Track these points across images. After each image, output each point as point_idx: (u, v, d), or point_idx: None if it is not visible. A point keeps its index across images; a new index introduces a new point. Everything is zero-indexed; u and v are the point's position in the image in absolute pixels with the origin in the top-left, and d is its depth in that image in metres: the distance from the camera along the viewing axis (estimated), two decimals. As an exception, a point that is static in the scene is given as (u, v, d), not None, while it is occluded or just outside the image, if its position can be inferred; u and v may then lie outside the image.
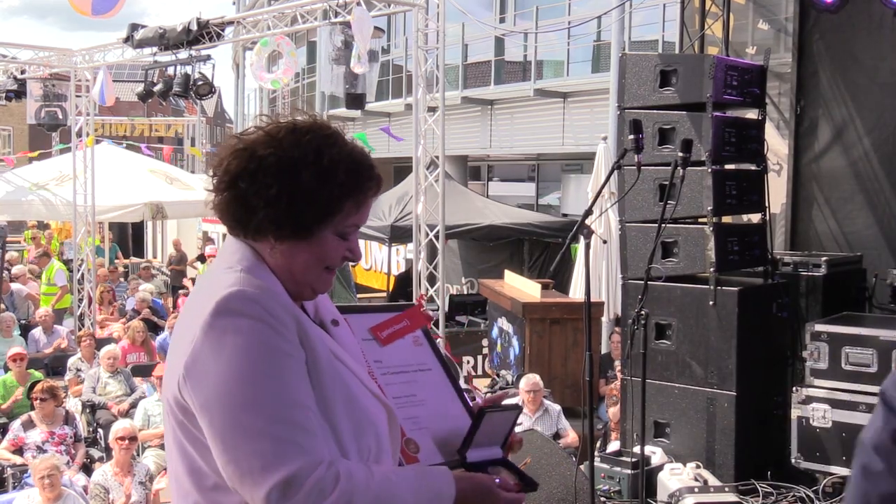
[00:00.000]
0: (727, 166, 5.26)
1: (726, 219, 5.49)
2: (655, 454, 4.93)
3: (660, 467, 4.82)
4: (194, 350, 1.49)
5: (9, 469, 7.27)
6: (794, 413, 4.85)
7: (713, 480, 4.72)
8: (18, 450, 7.39)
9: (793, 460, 4.82)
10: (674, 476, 4.70)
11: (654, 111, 5.13)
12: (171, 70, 11.03)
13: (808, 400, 4.77)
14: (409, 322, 1.91)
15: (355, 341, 1.75)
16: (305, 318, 1.59)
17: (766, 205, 5.38)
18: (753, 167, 5.40)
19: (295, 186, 1.54)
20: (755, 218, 5.59)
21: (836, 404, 4.70)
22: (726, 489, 4.63)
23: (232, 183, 1.57)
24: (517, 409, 1.81)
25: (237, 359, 1.45)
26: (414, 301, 1.96)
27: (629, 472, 4.77)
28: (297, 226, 1.56)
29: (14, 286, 13.21)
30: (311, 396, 1.49)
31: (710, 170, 4.92)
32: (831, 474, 4.68)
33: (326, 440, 1.48)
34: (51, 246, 16.50)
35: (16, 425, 7.54)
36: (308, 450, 1.42)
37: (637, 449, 4.66)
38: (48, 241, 17.11)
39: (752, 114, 5.50)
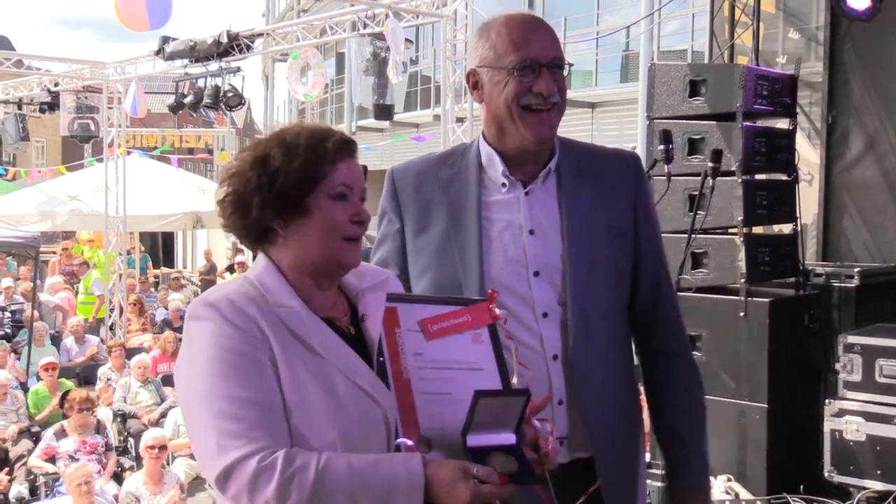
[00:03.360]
0: (758, 176, 5.22)
1: (757, 229, 5.45)
2: (685, 467, 4.88)
3: (690, 480, 4.78)
4: (179, 351, 1.74)
5: (41, 477, 7.37)
6: (827, 426, 4.79)
7: (745, 494, 4.68)
8: (50, 458, 7.48)
9: (826, 474, 4.76)
10: (704, 489, 4.66)
11: (684, 121, 5.10)
12: (201, 82, 11.18)
13: (842, 413, 4.72)
14: (469, 318, 1.84)
15: (375, 337, 1.74)
16: (296, 317, 1.68)
17: (798, 215, 5.33)
18: (784, 177, 5.36)
19: (269, 168, 1.69)
20: (786, 229, 5.54)
21: (870, 417, 4.64)
22: (758, 503, 4.59)
23: (225, 196, 1.73)
24: (523, 393, 1.71)
25: (195, 360, 1.63)
26: (485, 297, 1.88)
27: (658, 484, 4.73)
28: (288, 201, 1.69)
29: (42, 297, 13.38)
30: (266, 391, 1.60)
31: (740, 180, 4.89)
32: (865, 488, 4.62)
33: (276, 431, 1.57)
34: (91, 254, 16.69)
35: (48, 434, 7.64)
36: (251, 440, 1.54)
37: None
38: (88, 250, 17.29)
39: (782, 123, 5.45)
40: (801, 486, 4.74)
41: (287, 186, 1.68)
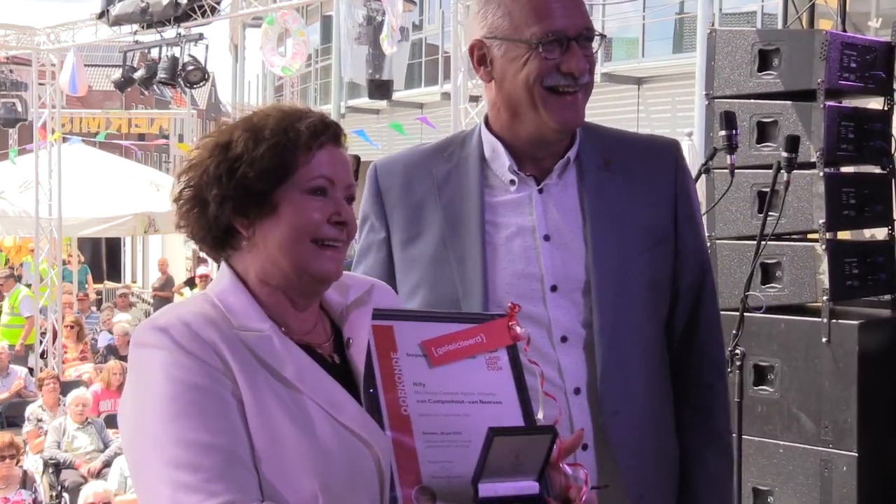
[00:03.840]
0: (844, 169, 5.22)
1: (843, 235, 5.44)
2: (755, 530, 4.88)
3: (761, 546, 4.78)
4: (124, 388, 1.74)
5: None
6: (932, 479, 4.78)
7: (828, 564, 4.66)
8: (-35, 519, 7.51)
9: (930, 539, 4.75)
10: (778, 558, 4.65)
11: (752, 101, 5.11)
12: (154, 52, 11.22)
13: (950, 463, 4.71)
14: (483, 339, 1.83)
15: (360, 365, 1.74)
16: (266, 343, 1.68)
17: (895, 217, 5.33)
18: (878, 170, 5.36)
19: (231, 154, 1.71)
20: (880, 234, 5.54)
21: (984, 469, 4.63)
22: (845, 575, 4.58)
23: (181, 190, 1.75)
24: (548, 431, 1.68)
25: (142, 397, 1.64)
26: (504, 311, 1.85)
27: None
28: (251, 195, 1.70)
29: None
30: (230, 434, 1.60)
31: (822, 173, 4.89)
32: (979, 557, 4.61)
33: (244, 482, 1.58)
34: (18, 263, 16.76)
35: (-38, 490, 7.66)
36: (214, 493, 1.54)
37: (731, 523, 4.62)
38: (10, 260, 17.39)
39: (875, 103, 5.46)
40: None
41: (250, 177, 1.69)
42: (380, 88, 9.48)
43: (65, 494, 8.60)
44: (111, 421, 9.52)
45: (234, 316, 1.69)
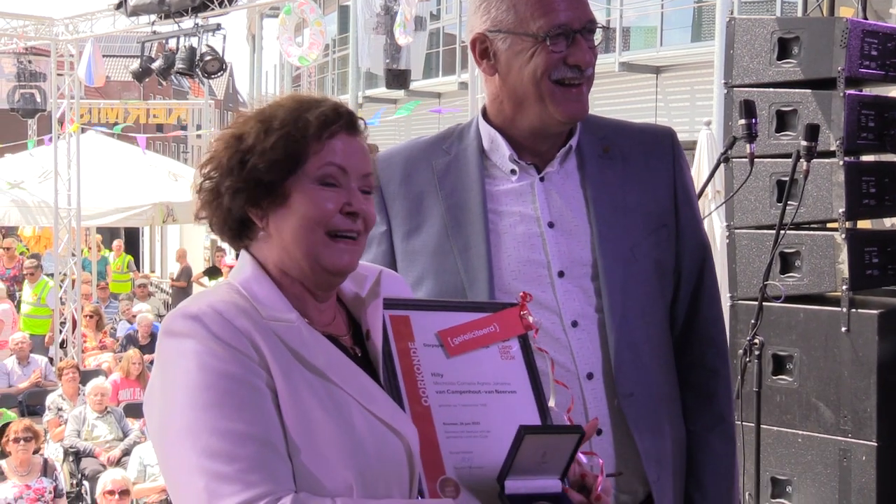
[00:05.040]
0: (864, 158, 5.20)
1: (863, 224, 5.42)
2: (773, 519, 4.88)
3: (779, 536, 4.77)
4: (151, 377, 1.72)
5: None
6: (952, 469, 4.77)
7: (847, 554, 4.66)
8: (-14, 506, 7.56)
9: (950, 529, 4.74)
10: (797, 547, 4.65)
11: (771, 89, 5.09)
12: (172, 43, 11.24)
13: (970, 453, 4.69)
14: (497, 328, 1.84)
15: (378, 354, 1.75)
16: (296, 333, 1.68)
17: (914, 206, 5.31)
18: (898, 158, 5.33)
19: (242, 146, 1.72)
20: (900, 223, 5.52)
21: None
22: (864, 565, 4.57)
23: (201, 183, 1.76)
24: (576, 430, 1.70)
25: (173, 387, 1.62)
26: (516, 300, 1.85)
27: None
28: (262, 187, 1.70)
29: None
30: (264, 424, 1.59)
31: (842, 162, 4.87)
32: None
33: (278, 473, 1.57)
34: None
35: (-17, 477, 7.72)
36: (249, 484, 1.53)
37: (750, 513, 4.61)
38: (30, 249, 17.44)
39: (896, 91, 5.43)
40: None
41: (260, 168, 1.69)
42: (397, 78, 9.47)
43: (85, 482, 8.65)
44: (130, 410, 9.57)
45: (262, 306, 1.68)
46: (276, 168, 1.69)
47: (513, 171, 2.25)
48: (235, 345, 1.61)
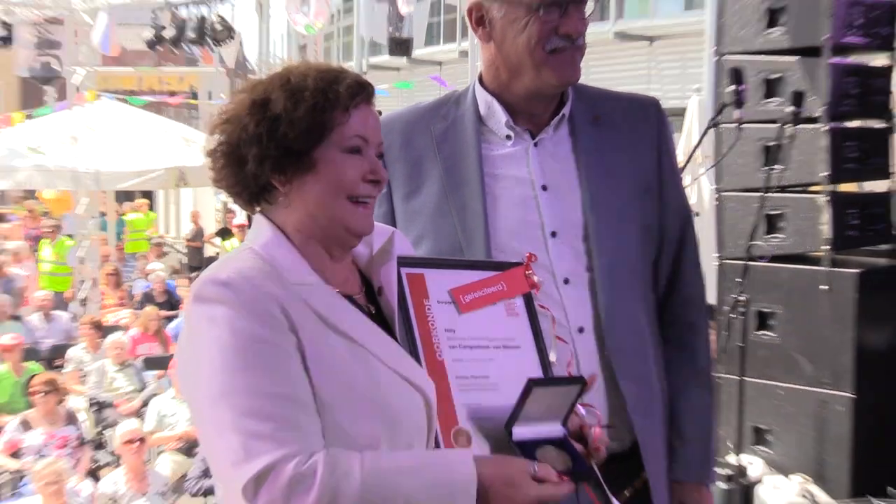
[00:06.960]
0: (847, 123, 5.20)
1: (845, 187, 5.43)
2: (753, 465, 4.94)
3: (759, 481, 4.83)
4: (179, 341, 1.73)
5: (3, 475, 7.54)
6: (925, 419, 4.81)
7: (823, 497, 4.72)
8: (14, 453, 7.64)
9: (922, 475, 4.79)
10: (776, 491, 4.71)
11: (759, 57, 5.09)
12: (183, 12, 11.19)
13: (943, 404, 4.74)
14: (504, 286, 1.87)
15: (393, 311, 1.77)
16: (318, 295, 1.69)
17: (894, 170, 5.32)
18: (880, 124, 5.33)
19: (269, 113, 1.70)
20: (880, 186, 5.52)
21: (976, 409, 4.66)
22: (840, 508, 4.63)
23: (217, 145, 1.75)
24: (578, 381, 1.76)
25: (208, 350, 1.62)
26: (522, 259, 1.90)
27: (723, 485, 4.78)
28: (291, 154, 1.70)
29: (14, 270, 13.43)
30: (294, 384, 1.61)
31: (826, 128, 4.88)
32: (968, 493, 4.64)
33: (309, 431, 1.59)
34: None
35: (11, 426, 7.79)
36: (283, 442, 1.55)
37: (732, 459, 4.67)
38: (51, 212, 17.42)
39: (879, 60, 5.42)
40: (888, 489, 4.76)
41: (290, 137, 1.68)
42: (400, 46, 9.46)
43: (106, 431, 8.73)
44: (149, 363, 9.63)
45: (286, 271, 1.69)
46: (305, 137, 1.69)
47: (508, 137, 2.28)
48: (265, 309, 1.62)
